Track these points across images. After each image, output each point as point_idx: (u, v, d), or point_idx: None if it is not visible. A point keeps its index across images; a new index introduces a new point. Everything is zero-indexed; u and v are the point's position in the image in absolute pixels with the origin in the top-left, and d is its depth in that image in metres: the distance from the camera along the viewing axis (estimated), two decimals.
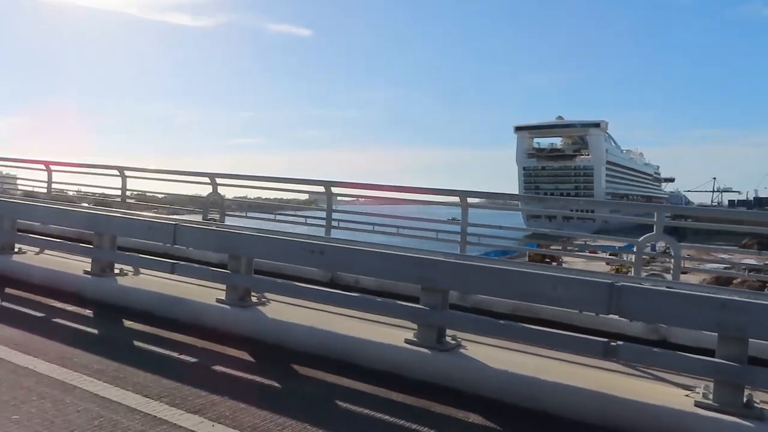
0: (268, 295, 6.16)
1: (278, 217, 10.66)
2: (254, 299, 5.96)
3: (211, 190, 10.55)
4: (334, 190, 9.39)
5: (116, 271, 6.99)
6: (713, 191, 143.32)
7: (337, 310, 5.89)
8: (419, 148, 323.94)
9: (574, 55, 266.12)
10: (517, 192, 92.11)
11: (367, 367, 4.86)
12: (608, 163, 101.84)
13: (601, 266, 21.58)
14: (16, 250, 8.06)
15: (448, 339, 4.87)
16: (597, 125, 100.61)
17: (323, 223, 9.34)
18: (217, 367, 4.82)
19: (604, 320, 5.59)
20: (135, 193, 14.13)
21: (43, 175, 13.84)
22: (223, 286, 6.07)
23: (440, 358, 4.67)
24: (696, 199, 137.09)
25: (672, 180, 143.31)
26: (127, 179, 12.15)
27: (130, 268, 7.11)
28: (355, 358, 4.93)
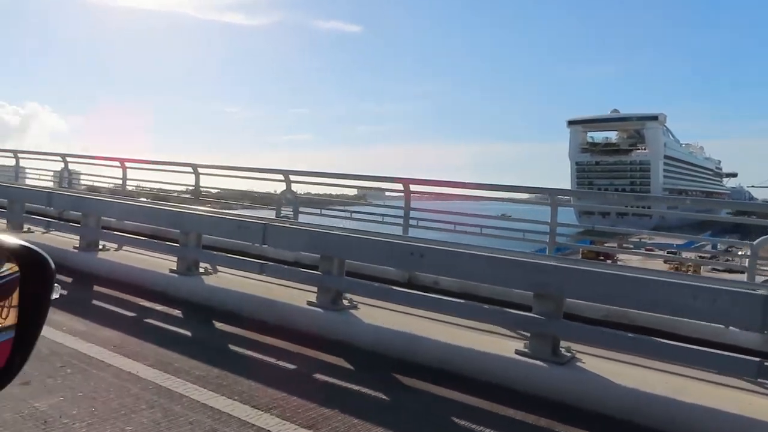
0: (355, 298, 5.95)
1: (352, 215, 10.45)
2: (345, 302, 5.74)
3: (284, 187, 10.47)
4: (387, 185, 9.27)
5: (201, 269, 6.94)
6: None
7: (430, 314, 5.63)
8: (469, 143, 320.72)
9: (628, 46, 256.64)
10: (569, 188, 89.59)
11: (473, 378, 4.55)
12: (666, 157, 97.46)
13: (658, 264, 20.57)
14: (100, 247, 8.16)
15: (562, 350, 4.51)
16: (655, 118, 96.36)
17: (377, 219, 9.38)
18: (318, 376, 4.61)
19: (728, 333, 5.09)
20: (203, 190, 14.37)
21: (106, 171, 14.31)
22: (310, 288, 5.91)
23: (558, 372, 4.31)
24: (760, 195, 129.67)
25: (735, 175, 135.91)
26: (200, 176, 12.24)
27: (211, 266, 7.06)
28: (460, 369, 4.63)
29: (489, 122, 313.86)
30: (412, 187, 11.39)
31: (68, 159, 15.54)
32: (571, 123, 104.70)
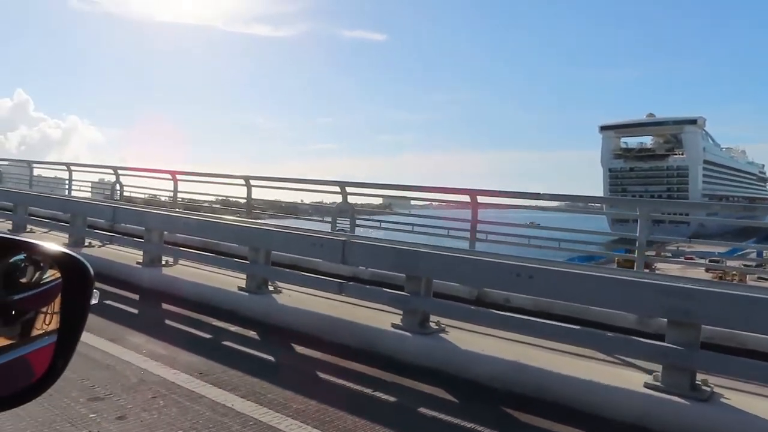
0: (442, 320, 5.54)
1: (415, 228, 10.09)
2: (433, 325, 5.33)
3: (339, 199, 10.16)
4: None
5: (270, 288, 6.63)
6: None
7: (525, 338, 5.19)
8: (496, 151, 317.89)
9: (661, 48, 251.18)
10: (602, 195, 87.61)
11: (596, 414, 4.09)
12: (706, 162, 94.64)
13: (699, 273, 19.58)
14: (163, 262, 7.95)
15: (697, 382, 4.02)
16: (693, 122, 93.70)
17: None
18: (423, 410, 4.21)
19: None
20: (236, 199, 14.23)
21: (143, 182, 14.32)
22: (391, 309, 5.55)
23: (700, 409, 3.82)
24: None
25: None
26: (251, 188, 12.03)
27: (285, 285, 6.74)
28: (579, 403, 4.17)
29: (516, 130, 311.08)
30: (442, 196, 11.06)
31: (119, 172, 15.52)
32: (603, 128, 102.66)
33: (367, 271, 7.12)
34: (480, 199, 8.69)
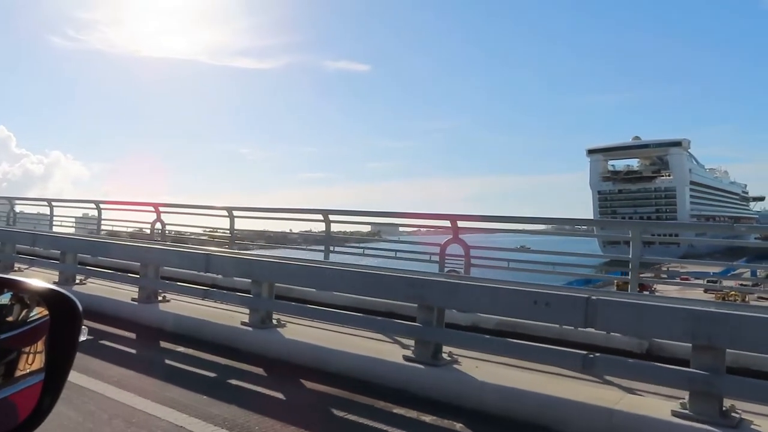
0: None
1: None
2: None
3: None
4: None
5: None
6: None
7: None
8: (485, 176, 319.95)
9: (639, 74, 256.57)
10: (591, 218, 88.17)
11: None
12: (692, 183, 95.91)
13: (698, 294, 19.51)
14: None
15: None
16: (678, 144, 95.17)
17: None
18: None
19: None
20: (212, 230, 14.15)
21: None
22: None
23: None
24: None
25: (762, 198, 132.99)
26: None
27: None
28: None
29: (503, 155, 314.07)
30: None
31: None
32: (591, 152, 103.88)
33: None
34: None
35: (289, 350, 5.81)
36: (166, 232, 14.00)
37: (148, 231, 14.38)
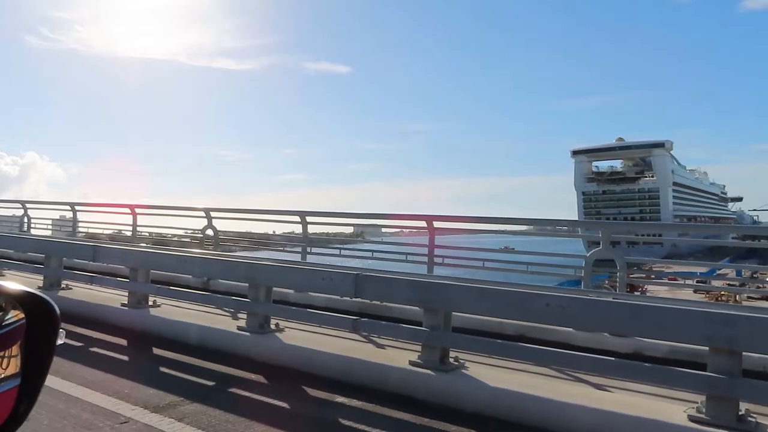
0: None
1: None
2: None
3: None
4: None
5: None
6: None
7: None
8: (467, 178, 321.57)
9: (620, 77, 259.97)
10: (576, 219, 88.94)
11: None
12: (674, 184, 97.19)
13: (687, 294, 19.62)
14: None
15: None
16: (661, 145, 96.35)
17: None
18: None
19: None
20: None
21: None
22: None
23: None
24: (763, 218, 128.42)
25: (740, 199, 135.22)
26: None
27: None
28: None
29: (486, 157, 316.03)
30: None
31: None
32: (575, 153, 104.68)
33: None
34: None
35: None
36: (148, 234, 13.76)
37: (128, 233, 14.19)
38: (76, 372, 5.29)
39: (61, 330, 0.97)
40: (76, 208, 13.99)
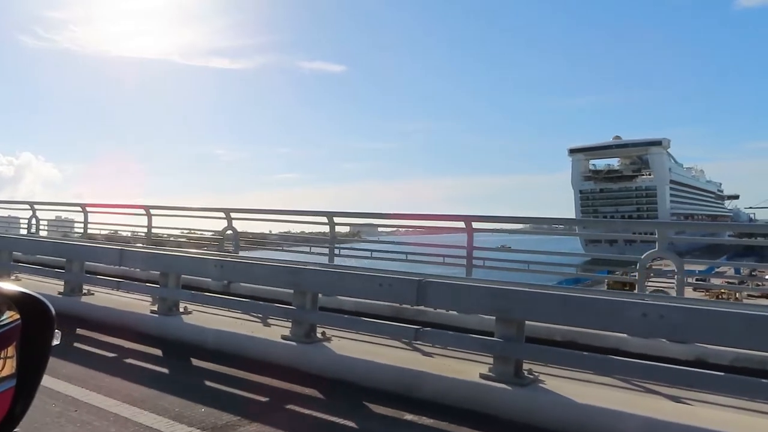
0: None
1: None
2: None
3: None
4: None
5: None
6: None
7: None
8: (463, 177, 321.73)
9: (617, 76, 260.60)
10: (573, 216, 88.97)
11: None
12: (671, 182, 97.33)
13: (687, 292, 19.40)
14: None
15: None
16: (658, 143, 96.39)
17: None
18: None
19: None
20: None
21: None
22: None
23: None
24: (759, 215, 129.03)
25: (736, 197, 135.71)
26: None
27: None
28: None
29: (481, 156, 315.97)
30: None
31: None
32: (572, 151, 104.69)
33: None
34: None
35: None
36: (161, 235, 13.42)
37: (125, 234, 13.97)
38: (119, 388, 4.91)
39: (56, 331, 0.96)
40: (87, 209, 13.49)
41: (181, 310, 7.06)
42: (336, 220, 10.60)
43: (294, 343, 5.73)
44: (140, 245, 11.86)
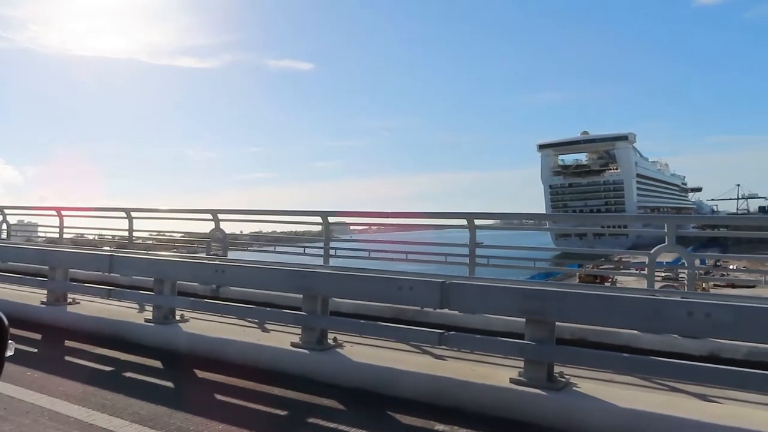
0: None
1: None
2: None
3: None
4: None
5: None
6: (738, 198, 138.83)
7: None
8: (433, 173, 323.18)
9: (581, 72, 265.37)
10: (544, 211, 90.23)
11: None
12: (638, 176, 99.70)
13: (656, 284, 19.76)
14: (177, 317, 6.69)
15: None
16: (625, 138, 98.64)
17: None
18: None
19: None
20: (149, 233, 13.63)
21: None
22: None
23: None
24: (721, 207, 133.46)
25: (699, 190, 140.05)
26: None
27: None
28: None
29: (451, 153, 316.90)
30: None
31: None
32: (541, 147, 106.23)
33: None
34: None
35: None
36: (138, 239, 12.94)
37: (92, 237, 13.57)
38: (124, 406, 4.56)
39: (9, 342, 0.99)
40: (63, 213, 12.87)
41: (178, 318, 6.69)
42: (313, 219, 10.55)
43: (306, 351, 5.45)
44: (108, 248, 11.48)
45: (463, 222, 11.25)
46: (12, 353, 1.00)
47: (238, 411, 4.62)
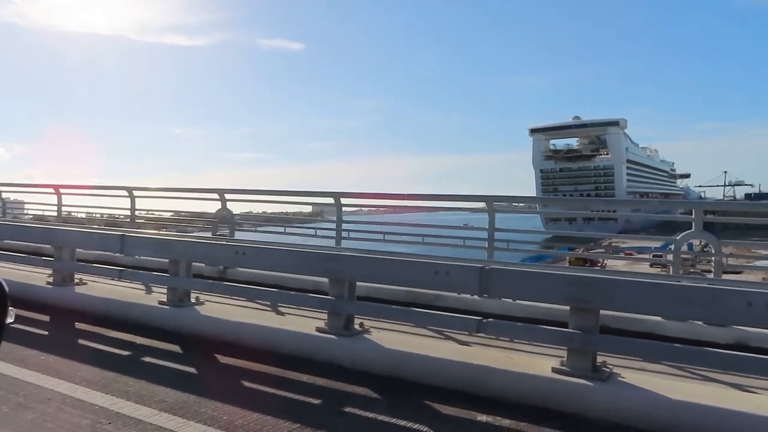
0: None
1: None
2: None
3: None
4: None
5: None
6: (725, 185, 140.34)
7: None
8: (424, 155, 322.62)
9: (572, 55, 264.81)
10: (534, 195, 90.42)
11: None
12: (628, 161, 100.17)
13: (644, 268, 19.95)
14: (192, 300, 6.47)
15: None
16: (616, 123, 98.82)
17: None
18: None
19: None
20: (144, 212, 13.49)
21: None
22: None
23: None
24: (708, 194, 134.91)
25: (688, 176, 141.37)
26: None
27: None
28: None
29: (444, 135, 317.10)
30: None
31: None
32: (533, 131, 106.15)
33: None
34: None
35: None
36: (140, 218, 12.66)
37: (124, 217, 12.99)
38: (149, 393, 4.35)
39: (10, 309, 0.99)
40: (61, 191, 12.47)
41: (193, 300, 6.46)
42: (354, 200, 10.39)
43: (334, 337, 5.25)
44: (101, 227, 11.17)
45: (463, 204, 11.25)
46: (12, 320, 0.98)
47: (270, 399, 4.43)
